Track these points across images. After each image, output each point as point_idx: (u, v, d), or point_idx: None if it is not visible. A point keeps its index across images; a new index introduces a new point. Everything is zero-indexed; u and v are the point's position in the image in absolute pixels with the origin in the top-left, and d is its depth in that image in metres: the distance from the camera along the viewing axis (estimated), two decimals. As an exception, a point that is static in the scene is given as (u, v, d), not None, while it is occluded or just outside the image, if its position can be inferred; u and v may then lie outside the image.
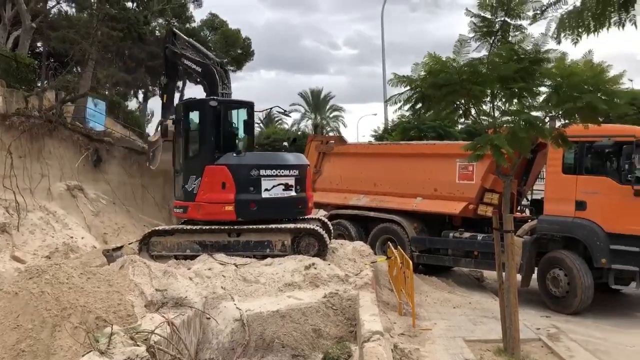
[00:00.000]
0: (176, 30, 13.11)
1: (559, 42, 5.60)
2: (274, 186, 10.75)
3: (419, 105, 7.01)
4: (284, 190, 10.82)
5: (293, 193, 10.93)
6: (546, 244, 10.57)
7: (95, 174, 15.57)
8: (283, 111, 12.07)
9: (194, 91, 34.53)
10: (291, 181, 10.88)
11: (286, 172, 10.88)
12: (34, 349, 5.57)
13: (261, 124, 46.56)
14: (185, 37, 12.80)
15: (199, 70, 12.02)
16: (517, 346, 7.08)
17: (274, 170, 10.80)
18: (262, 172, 10.68)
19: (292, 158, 11.39)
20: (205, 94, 11.75)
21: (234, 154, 10.79)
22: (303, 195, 11.15)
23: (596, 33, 5.12)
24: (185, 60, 12.22)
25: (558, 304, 10.15)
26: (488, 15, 6.34)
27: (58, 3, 20.70)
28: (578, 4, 5.13)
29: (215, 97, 11.23)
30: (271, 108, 13.18)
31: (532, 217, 11.31)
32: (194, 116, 11.43)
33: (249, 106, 11.87)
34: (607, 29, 5.06)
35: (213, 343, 7.88)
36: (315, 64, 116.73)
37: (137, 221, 15.55)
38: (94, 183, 15.38)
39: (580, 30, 5.15)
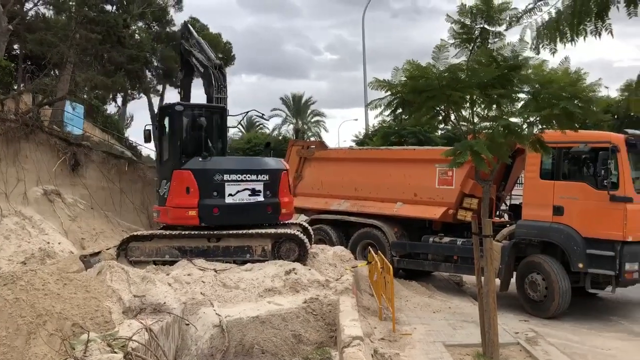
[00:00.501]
0: (189, 26, 13.09)
1: (537, 52, 5.68)
2: (238, 191, 10.64)
3: (400, 110, 7.05)
4: (250, 195, 10.68)
5: (261, 198, 10.76)
6: (524, 248, 10.68)
7: (72, 178, 15.34)
8: (260, 115, 11.97)
9: (172, 95, 34.35)
10: (259, 186, 10.72)
11: (253, 177, 10.74)
12: (8, 357, 5.45)
13: (241, 129, 46.43)
14: (195, 34, 12.81)
15: (202, 70, 12.06)
16: (496, 350, 7.13)
17: (239, 175, 10.70)
18: (226, 177, 10.62)
19: (262, 163, 11.28)
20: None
21: (200, 159, 10.77)
22: (274, 201, 10.94)
23: (573, 42, 5.20)
24: (193, 58, 12.28)
25: (536, 308, 10.25)
26: (468, 21, 6.40)
27: (35, 5, 20.40)
28: (553, 11, 5.21)
29: (181, 102, 11.42)
30: (247, 112, 12.97)
31: (511, 222, 11.42)
32: (166, 121, 11.47)
33: (220, 110, 11.73)
34: (584, 38, 5.14)
35: (192, 349, 7.81)
36: (296, 69, 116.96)
37: (115, 226, 15.35)
38: (72, 188, 15.15)
39: (557, 39, 5.23)
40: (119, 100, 33.49)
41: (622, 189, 9.61)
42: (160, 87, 33.47)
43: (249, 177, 10.75)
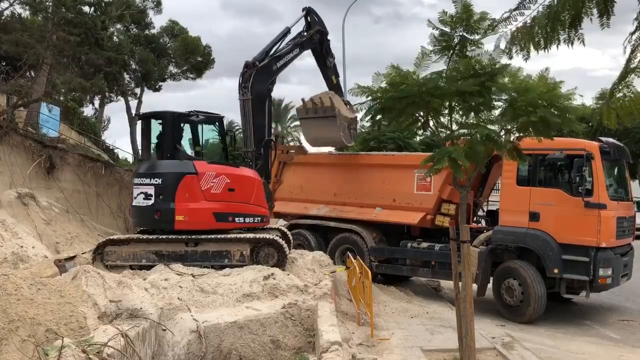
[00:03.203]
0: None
1: (510, 57, 5.78)
2: (137, 194, 10.76)
3: (379, 116, 7.08)
4: (144, 199, 10.65)
5: (150, 202, 10.59)
6: (501, 254, 10.79)
7: (48, 181, 15.10)
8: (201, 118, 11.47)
9: (150, 98, 34.13)
10: (150, 190, 10.58)
11: (146, 181, 10.69)
12: (-22, 363, 5.34)
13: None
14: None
15: None
16: (473, 355, 7.17)
17: (138, 179, 10.92)
18: (134, 180, 11.05)
19: (158, 165, 10.96)
20: None
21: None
22: (165, 207, 10.43)
23: (546, 50, 5.29)
24: None
25: (512, 313, 10.36)
26: (448, 29, 6.46)
27: (11, 5, 20.06)
28: (529, 21, 5.29)
29: (138, 113, 11.63)
30: (190, 112, 11.57)
31: (488, 227, 11.53)
32: None
33: (162, 117, 11.31)
34: (557, 46, 5.24)
35: (169, 355, 7.73)
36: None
37: (91, 230, 15.12)
38: (47, 191, 14.90)
39: (530, 46, 5.32)
40: (97, 102, 33.14)
41: (596, 195, 9.79)
42: (138, 90, 33.21)
43: (143, 180, 10.76)
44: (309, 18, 13.19)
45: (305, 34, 12.99)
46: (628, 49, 5.23)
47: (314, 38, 13.06)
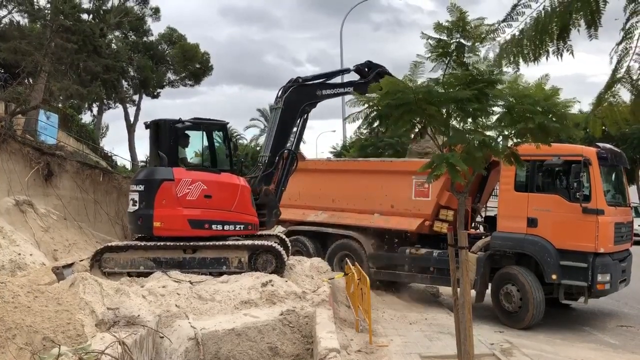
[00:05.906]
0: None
1: (499, 69, 5.80)
2: (129, 200, 10.95)
3: (377, 123, 7.10)
4: (132, 205, 10.78)
5: (134, 208, 10.68)
6: (499, 260, 10.79)
7: (45, 188, 15.06)
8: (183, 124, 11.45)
9: (148, 103, 34.22)
10: (135, 196, 10.67)
11: (134, 187, 10.83)
12: (-25, 372, 5.31)
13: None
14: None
15: None
16: (472, 361, 7.16)
17: (130, 186, 11.16)
18: (130, 187, 11.24)
19: (143, 173, 11.23)
20: None
21: None
22: (146, 212, 10.44)
23: (535, 62, 5.30)
24: None
25: (511, 319, 10.35)
26: (444, 36, 6.48)
27: (10, 13, 20.10)
28: (516, 32, 5.30)
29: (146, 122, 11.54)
30: (179, 119, 11.40)
31: (486, 233, 11.54)
32: None
33: (156, 124, 11.27)
34: (546, 58, 5.25)
35: (166, 363, 7.70)
36: (277, 80, 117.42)
37: (89, 237, 15.06)
38: (45, 198, 14.86)
39: (519, 58, 5.33)
40: (95, 109, 33.20)
41: (594, 201, 9.80)
42: (136, 97, 33.25)
43: (133, 187, 10.91)
44: (362, 72, 12.74)
45: (362, 80, 12.79)
46: (614, 59, 5.24)
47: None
